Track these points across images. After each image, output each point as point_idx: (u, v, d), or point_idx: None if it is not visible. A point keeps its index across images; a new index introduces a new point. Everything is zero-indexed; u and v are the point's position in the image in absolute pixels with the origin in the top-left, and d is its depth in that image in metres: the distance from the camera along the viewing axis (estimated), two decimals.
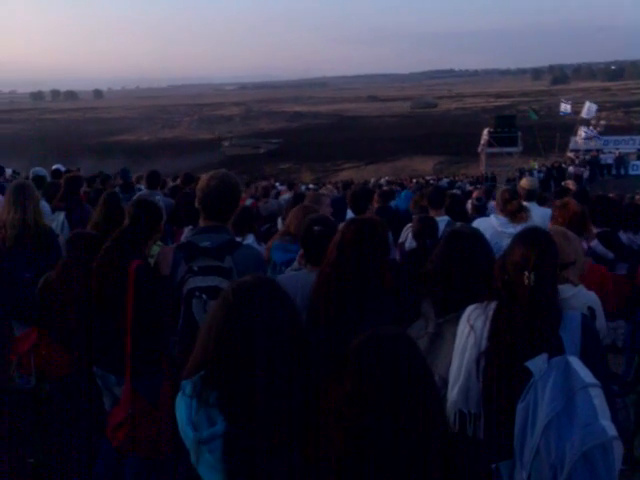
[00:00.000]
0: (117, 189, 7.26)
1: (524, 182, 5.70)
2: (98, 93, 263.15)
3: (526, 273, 1.99)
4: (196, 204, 2.88)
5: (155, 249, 3.24)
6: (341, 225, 2.67)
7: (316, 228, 2.83)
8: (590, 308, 2.50)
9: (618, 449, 1.65)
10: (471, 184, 24.95)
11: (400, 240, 4.96)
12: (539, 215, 4.87)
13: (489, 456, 1.93)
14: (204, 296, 2.63)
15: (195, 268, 2.69)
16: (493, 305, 2.12)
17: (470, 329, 2.11)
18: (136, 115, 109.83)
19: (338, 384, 1.41)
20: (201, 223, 2.91)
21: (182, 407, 1.64)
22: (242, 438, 1.56)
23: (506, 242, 2.24)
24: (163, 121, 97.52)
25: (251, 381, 1.57)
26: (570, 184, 14.87)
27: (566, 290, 2.35)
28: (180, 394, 1.66)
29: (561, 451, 1.64)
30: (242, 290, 1.69)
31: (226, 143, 59.01)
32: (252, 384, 1.56)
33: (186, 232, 4.84)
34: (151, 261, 3.15)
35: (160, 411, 2.77)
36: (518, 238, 2.13)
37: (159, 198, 5.71)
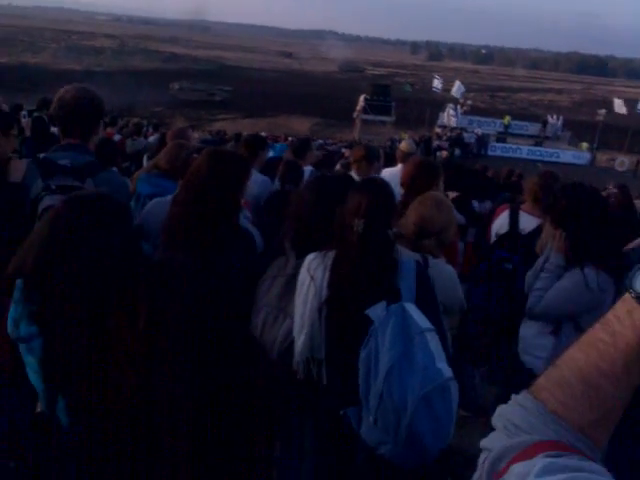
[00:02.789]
0: None
1: (403, 145, 5.94)
2: None
3: (356, 220, 1.99)
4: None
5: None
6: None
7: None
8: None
9: (454, 389, 1.77)
10: (346, 148, 25.43)
11: None
12: None
13: (337, 403, 1.95)
14: None
15: (53, 186, 2.50)
16: (332, 254, 2.08)
17: (310, 279, 2.06)
18: None
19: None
20: (61, 141, 2.71)
21: (12, 305, 1.54)
22: (57, 342, 1.44)
23: None
24: (24, 44, 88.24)
25: (65, 294, 1.44)
26: (444, 154, 15.92)
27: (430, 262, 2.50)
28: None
29: (403, 395, 1.72)
30: (74, 203, 1.58)
31: (176, 86, 54.19)
32: (65, 297, 1.43)
33: None
34: None
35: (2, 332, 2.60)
36: (355, 186, 2.16)
37: None
